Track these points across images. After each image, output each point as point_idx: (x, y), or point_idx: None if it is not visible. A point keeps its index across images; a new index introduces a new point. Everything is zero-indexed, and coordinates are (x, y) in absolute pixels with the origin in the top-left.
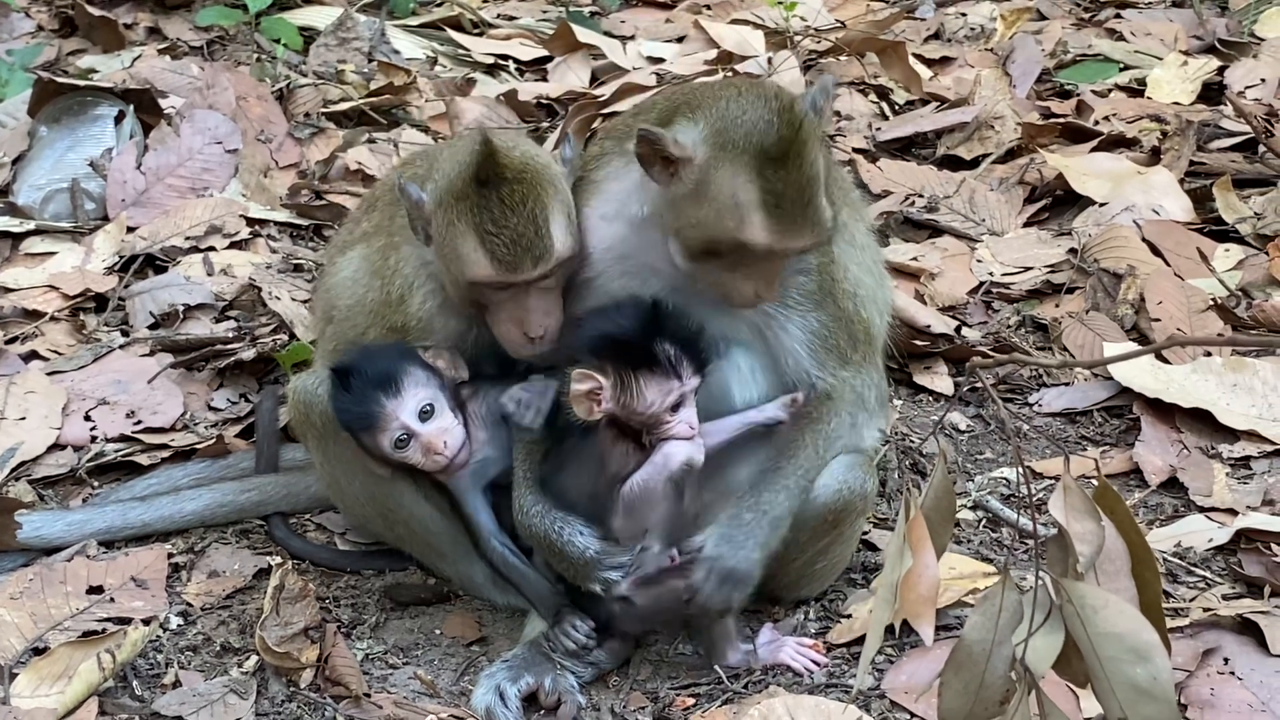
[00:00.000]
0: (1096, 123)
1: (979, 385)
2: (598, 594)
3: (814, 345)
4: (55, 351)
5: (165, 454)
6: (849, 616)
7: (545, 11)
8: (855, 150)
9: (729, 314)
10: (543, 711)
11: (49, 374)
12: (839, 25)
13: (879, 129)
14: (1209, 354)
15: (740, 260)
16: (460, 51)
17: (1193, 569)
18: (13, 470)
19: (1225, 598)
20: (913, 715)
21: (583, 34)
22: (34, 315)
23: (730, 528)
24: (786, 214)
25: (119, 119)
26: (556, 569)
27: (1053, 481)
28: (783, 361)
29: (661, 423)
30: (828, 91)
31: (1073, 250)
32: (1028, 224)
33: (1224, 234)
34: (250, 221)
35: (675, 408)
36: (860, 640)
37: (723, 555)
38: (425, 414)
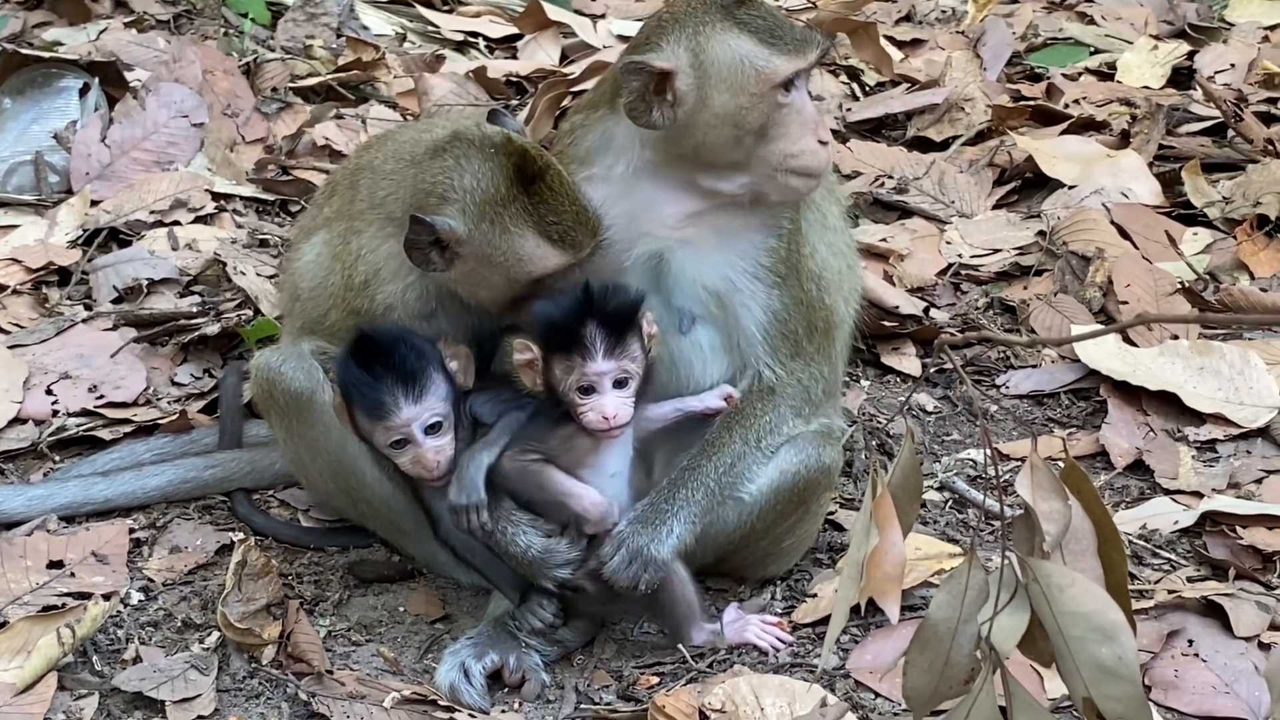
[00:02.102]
0: (1066, 106)
1: (947, 366)
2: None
3: (770, 329)
4: (17, 325)
5: (128, 429)
6: (814, 596)
7: None
8: None
9: (698, 289)
10: (507, 689)
11: (10, 347)
12: (810, 5)
13: (849, 110)
14: (1176, 337)
15: (776, 111)
16: (429, 28)
17: (1158, 551)
18: None
19: (1190, 580)
20: (877, 695)
21: (553, 11)
22: None
23: (648, 512)
24: (778, 30)
25: (84, 92)
26: (509, 565)
27: (1019, 464)
28: (740, 343)
29: (574, 405)
30: None
31: (1041, 233)
32: (997, 206)
33: (1192, 218)
34: (216, 196)
35: (585, 390)
36: (825, 620)
37: (635, 534)
38: (432, 429)
